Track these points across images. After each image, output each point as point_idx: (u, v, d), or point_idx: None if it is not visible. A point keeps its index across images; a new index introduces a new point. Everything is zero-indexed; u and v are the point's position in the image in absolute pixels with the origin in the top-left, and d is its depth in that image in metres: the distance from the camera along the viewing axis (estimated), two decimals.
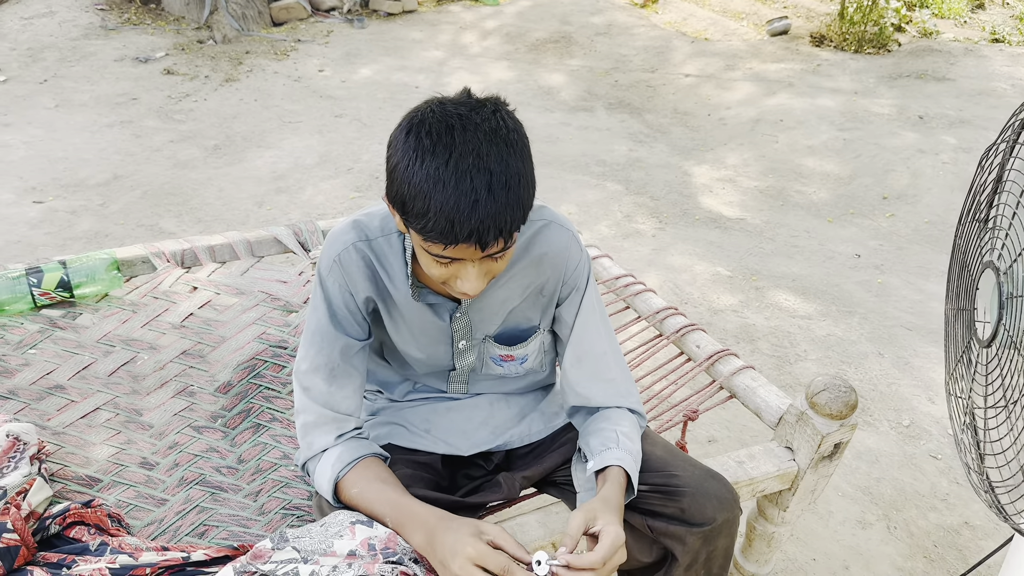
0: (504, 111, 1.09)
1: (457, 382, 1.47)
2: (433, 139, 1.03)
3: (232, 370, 1.88)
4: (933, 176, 4.62)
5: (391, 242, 1.29)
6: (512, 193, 1.04)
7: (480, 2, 7.45)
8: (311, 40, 6.57)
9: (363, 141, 4.98)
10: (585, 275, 1.40)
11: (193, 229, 3.94)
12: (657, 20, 7.30)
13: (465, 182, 1.01)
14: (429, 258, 1.11)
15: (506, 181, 1.04)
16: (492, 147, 1.03)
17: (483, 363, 1.45)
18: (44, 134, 4.93)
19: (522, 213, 1.08)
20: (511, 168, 1.04)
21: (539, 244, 1.33)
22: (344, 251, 1.28)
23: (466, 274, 1.12)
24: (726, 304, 3.47)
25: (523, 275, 1.34)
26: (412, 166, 1.03)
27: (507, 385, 1.51)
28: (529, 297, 1.38)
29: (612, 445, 1.30)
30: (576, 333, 1.40)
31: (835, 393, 1.52)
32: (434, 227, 1.03)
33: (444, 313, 1.35)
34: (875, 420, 2.82)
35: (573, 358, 1.41)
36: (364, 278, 1.30)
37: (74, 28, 6.52)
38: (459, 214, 1.01)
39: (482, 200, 1.02)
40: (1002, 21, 7.14)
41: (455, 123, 1.04)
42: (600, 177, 4.63)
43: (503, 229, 1.05)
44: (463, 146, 1.02)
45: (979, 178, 1.54)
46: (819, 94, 5.73)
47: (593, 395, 1.40)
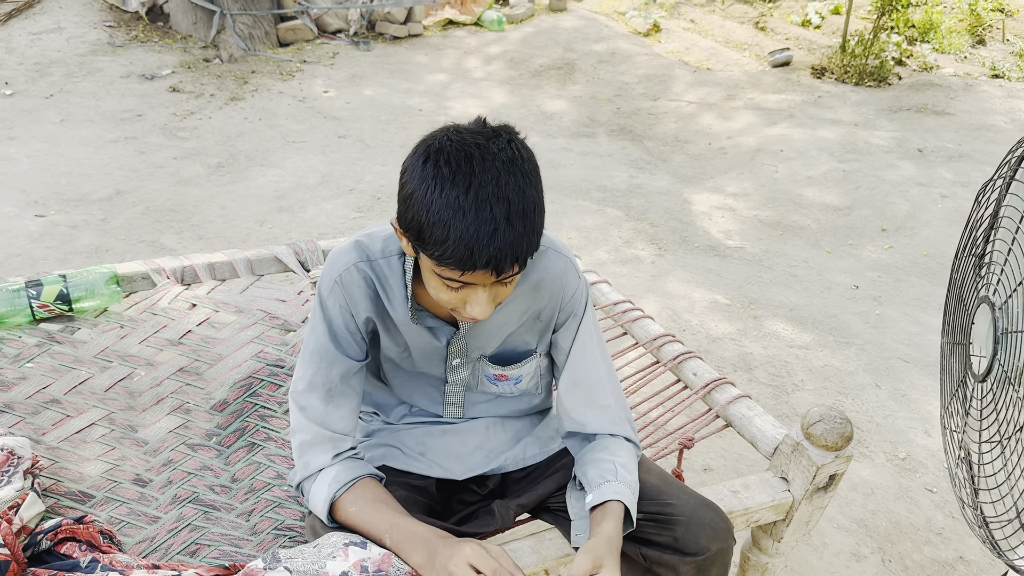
0: (518, 140, 1.11)
1: (452, 405, 1.47)
2: (452, 168, 1.04)
3: (228, 388, 1.88)
4: (932, 209, 4.65)
5: (391, 264, 1.30)
6: (528, 221, 1.07)
7: (484, 28, 7.52)
8: (317, 61, 6.62)
9: (366, 162, 5.01)
10: (583, 302, 1.40)
11: (194, 246, 3.95)
12: (659, 49, 7.36)
13: (485, 211, 1.03)
14: (440, 283, 1.13)
15: (523, 210, 1.06)
16: (510, 177, 1.05)
17: (478, 381, 1.45)
18: (48, 148, 4.96)
19: (537, 240, 1.10)
20: (527, 197, 1.07)
21: (537, 270, 1.34)
22: (346, 271, 1.29)
23: (476, 299, 1.13)
24: (724, 332, 3.47)
25: (521, 300, 1.35)
26: (431, 194, 1.04)
27: (503, 407, 1.51)
28: (526, 322, 1.38)
29: (610, 477, 1.30)
30: (572, 359, 1.41)
31: (831, 424, 1.52)
32: (453, 254, 1.04)
33: (442, 336, 1.35)
34: (871, 452, 2.81)
35: (569, 383, 1.41)
36: (365, 298, 1.31)
37: (82, 44, 6.57)
38: (478, 242, 1.03)
39: (501, 228, 1.03)
40: (1002, 57, 7.21)
41: (473, 152, 1.05)
42: (600, 203, 4.65)
43: (519, 256, 1.07)
44: (482, 175, 1.03)
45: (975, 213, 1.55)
46: (819, 125, 5.77)
47: (588, 421, 1.40)
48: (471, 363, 1.41)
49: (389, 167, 4.92)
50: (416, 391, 1.47)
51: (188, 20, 6.84)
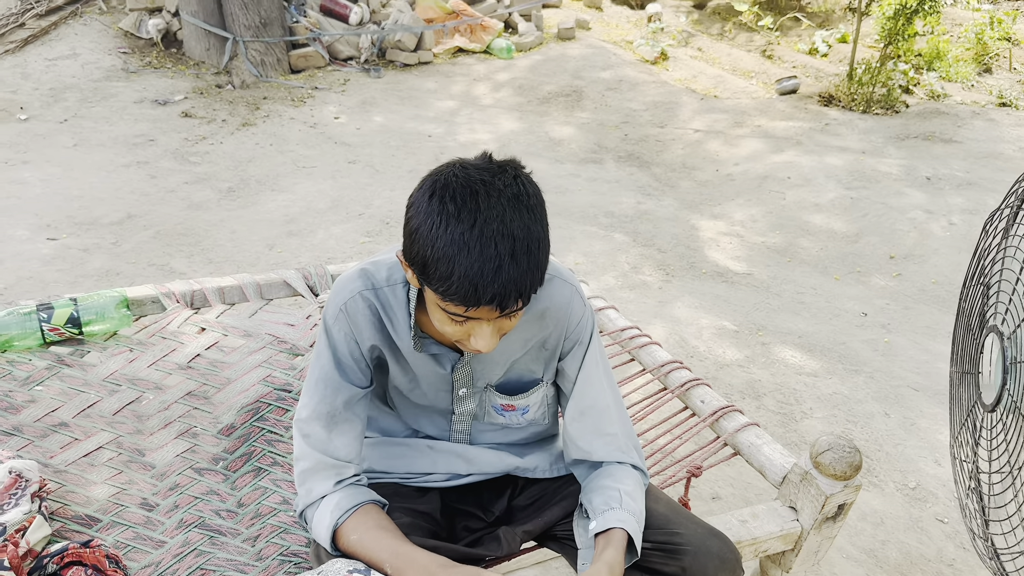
0: (524, 176, 1.12)
1: (459, 433, 1.47)
2: (458, 204, 1.05)
3: (236, 412, 1.88)
4: (940, 237, 4.64)
5: (396, 292, 1.30)
6: (533, 258, 1.07)
7: (493, 56, 7.59)
8: (328, 88, 6.70)
9: (375, 187, 5.04)
10: (588, 329, 1.40)
11: (204, 270, 3.97)
12: (667, 77, 7.42)
13: (490, 248, 1.03)
14: (444, 316, 1.13)
15: (528, 247, 1.06)
16: (515, 213, 1.06)
17: (485, 411, 1.45)
18: (61, 172, 5.01)
19: (541, 276, 1.10)
20: (532, 234, 1.07)
21: (542, 298, 1.34)
22: (351, 299, 1.30)
23: (481, 332, 1.14)
24: (732, 359, 3.46)
25: (526, 329, 1.35)
26: (436, 230, 1.05)
27: (510, 436, 1.50)
28: (532, 351, 1.38)
29: (615, 505, 1.30)
30: (579, 387, 1.40)
31: (839, 453, 1.51)
32: (457, 291, 1.05)
33: (446, 363, 1.35)
34: (881, 481, 2.79)
35: (575, 412, 1.41)
36: (370, 326, 1.31)
37: (96, 70, 6.66)
38: (483, 279, 1.04)
39: (506, 266, 1.04)
40: (1009, 86, 7.24)
41: (479, 188, 1.06)
42: (608, 228, 4.66)
43: (523, 292, 1.08)
44: (488, 212, 1.04)
45: (983, 242, 1.55)
46: (827, 152, 5.79)
47: (594, 450, 1.40)
48: (477, 393, 1.41)
49: (398, 192, 4.95)
50: (423, 419, 1.47)
51: (201, 47, 6.93)
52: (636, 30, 8.48)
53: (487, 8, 7.87)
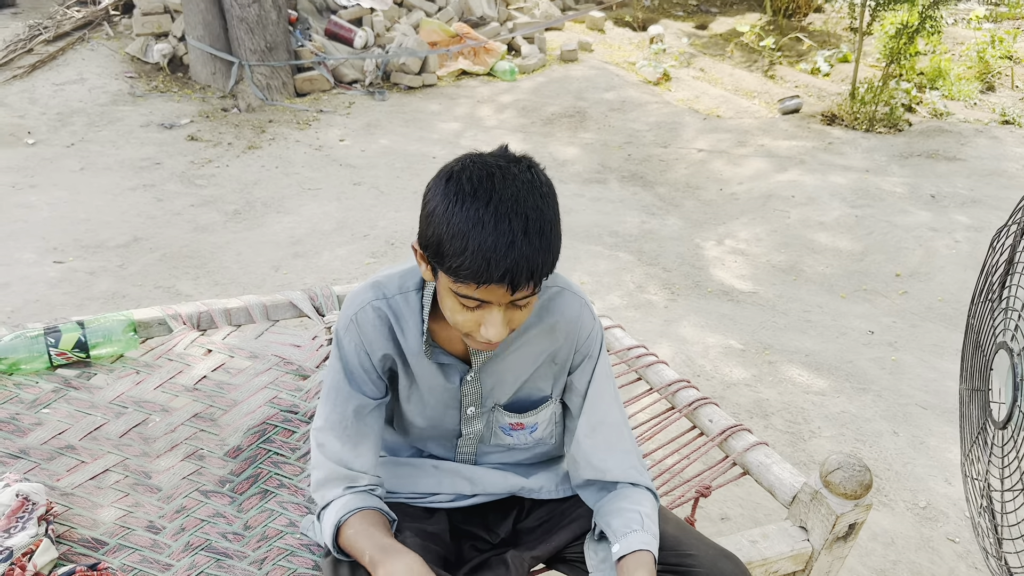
0: (537, 168, 1.15)
1: (465, 455, 1.47)
2: (474, 184, 1.08)
3: (242, 434, 1.88)
4: (946, 254, 4.63)
5: (408, 299, 1.32)
6: (545, 239, 1.09)
7: (497, 78, 7.64)
8: (333, 111, 6.74)
9: (380, 208, 5.06)
10: (598, 344, 1.41)
11: (210, 292, 3.98)
12: (670, 97, 7.45)
13: (504, 224, 1.06)
14: (456, 303, 1.14)
15: (541, 227, 1.09)
16: (529, 195, 1.09)
17: (492, 432, 1.44)
18: (68, 196, 5.04)
19: (552, 260, 1.12)
20: (545, 216, 1.10)
21: (552, 311, 1.35)
22: (361, 311, 1.31)
23: (491, 320, 1.14)
24: (739, 378, 3.45)
25: (536, 342, 1.36)
26: (452, 208, 1.08)
27: (515, 457, 1.50)
28: (542, 366, 1.38)
29: (636, 527, 1.29)
30: (590, 402, 1.40)
31: (849, 472, 1.50)
32: (470, 266, 1.06)
33: (455, 375, 1.35)
34: (891, 500, 2.76)
35: (587, 427, 1.40)
36: (381, 336, 1.32)
37: (103, 95, 6.72)
38: (496, 253, 1.05)
39: (518, 242, 1.06)
40: (1012, 103, 7.25)
41: (495, 172, 1.10)
42: (612, 248, 4.67)
43: (535, 272, 1.09)
44: (503, 192, 1.07)
45: (991, 259, 1.55)
46: (831, 171, 5.80)
47: (610, 467, 1.38)
48: (485, 414, 1.41)
49: (403, 213, 4.97)
50: (430, 443, 1.46)
51: (207, 71, 6.99)
52: (638, 51, 8.54)
53: (490, 31, 7.94)
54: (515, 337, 1.35)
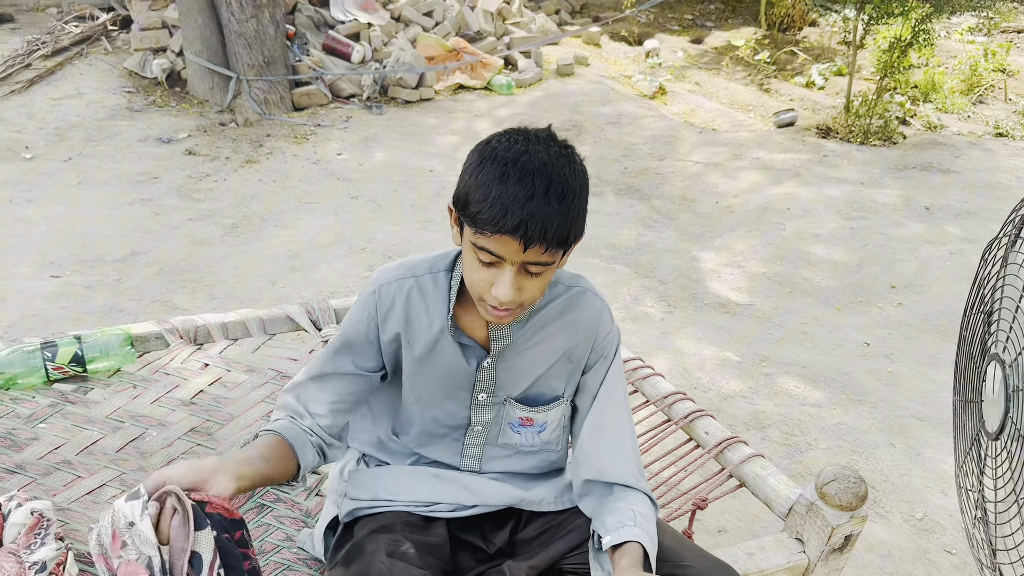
0: (574, 151, 1.23)
1: (470, 457, 1.47)
2: (507, 146, 1.18)
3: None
4: (941, 266, 4.65)
5: (437, 279, 1.37)
6: (565, 203, 1.15)
7: (494, 92, 7.68)
8: (330, 125, 6.77)
9: (378, 222, 5.07)
10: (614, 346, 1.45)
11: (207, 306, 3.99)
12: (666, 111, 7.49)
13: (527, 179, 1.13)
14: (475, 259, 1.20)
15: (563, 191, 1.15)
16: (557, 163, 1.17)
17: (500, 429, 1.45)
18: (66, 210, 5.05)
19: (568, 228, 1.17)
20: (570, 184, 1.16)
21: (574, 309, 1.40)
22: (385, 284, 1.37)
23: (502, 279, 1.18)
24: (735, 390, 3.46)
25: (555, 338, 1.39)
26: (484, 163, 1.17)
27: (520, 463, 1.50)
28: (558, 363, 1.41)
29: (629, 523, 1.30)
30: (599, 402, 1.43)
31: (845, 484, 1.51)
32: (488, 212, 1.13)
33: (472, 359, 1.38)
34: (887, 512, 2.76)
35: (592, 428, 1.42)
36: (401, 312, 1.36)
37: (101, 109, 6.74)
38: (513, 203, 1.12)
39: (537, 197, 1.13)
40: (1005, 116, 7.30)
41: (531, 139, 1.19)
42: (609, 260, 4.68)
43: (547, 231, 1.14)
44: (533, 155, 1.16)
45: (982, 271, 1.56)
46: (826, 184, 5.82)
47: (610, 468, 1.40)
48: (497, 405, 1.42)
49: (400, 226, 4.99)
50: (435, 436, 1.46)
51: (205, 85, 7.02)
52: (634, 65, 8.59)
53: (487, 46, 7.98)
54: (535, 331, 1.38)
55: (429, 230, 4.90)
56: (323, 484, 1.83)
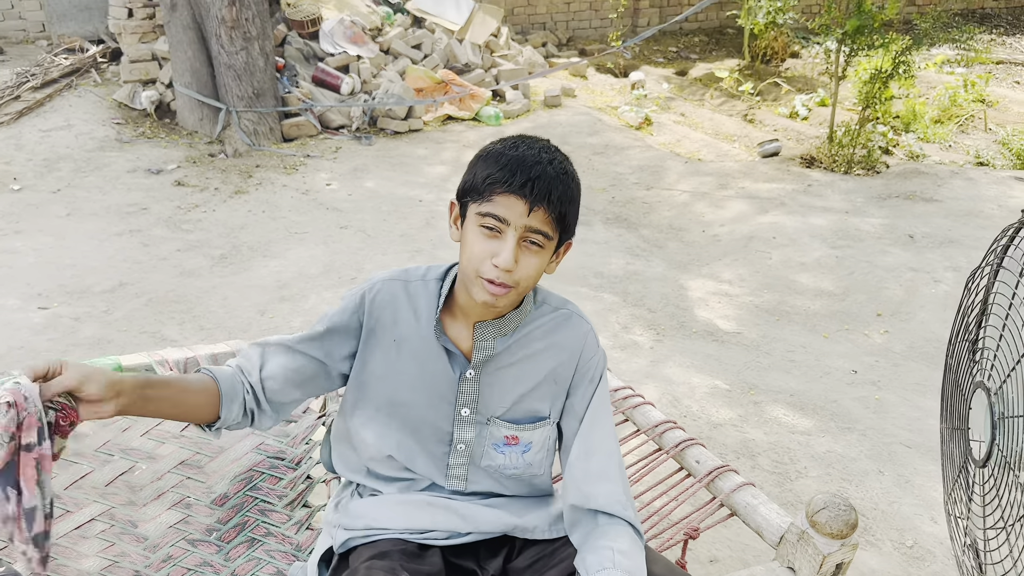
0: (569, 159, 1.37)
1: (455, 478, 1.47)
2: (513, 141, 1.33)
3: (229, 482, 1.87)
4: (926, 293, 4.70)
5: (428, 285, 1.42)
6: (567, 178, 1.31)
7: (482, 123, 7.75)
8: (320, 155, 6.80)
9: (367, 251, 5.09)
10: (599, 370, 1.47)
11: (195, 336, 3.97)
12: (652, 141, 7.58)
13: (533, 151, 1.29)
14: (478, 233, 1.29)
15: (565, 169, 1.32)
16: (558, 153, 1.34)
17: (484, 450, 1.45)
18: (54, 242, 5.04)
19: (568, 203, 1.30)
20: (569, 169, 1.33)
21: (559, 330, 1.45)
22: (375, 284, 1.43)
23: (505, 245, 1.26)
24: (725, 418, 3.47)
25: (540, 357, 1.42)
26: (493, 146, 1.33)
27: (504, 486, 1.50)
28: (543, 384, 1.42)
29: (608, 565, 1.30)
30: (586, 426, 1.44)
31: (835, 512, 1.52)
32: (498, 173, 1.26)
33: (456, 367, 1.40)
34: (878, 540, 2.77)
35: (581, 452, 1.43)
36: (385, 314, 1.41)
37: (90, 141, 6.75)
38: (521, 165, 1.26)
39: (543, 164, 1.27)
40: (985, 145, 7.42)
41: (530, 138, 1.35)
42: (597, 289, 4.71)
43: (552, 194, 1.26)
44: (537, 142, 1.33)
45: (966, 300, 1.59)
46: (811, 213, 5.89)
47: (595, 494, 1.40)
48: (480, 425, 1.43)
49: (390, 256, 5.00)
50: (419, 449, 1.45)
51: (194, 116, 7.05)
52: (620, 97, 8.70)
53: (475, 78, 8.07)
54: (519, 348, 1.42)
55: (418, 259, 4.92)
56: (314, 517, 1.83)
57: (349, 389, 1.47)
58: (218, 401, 1.33)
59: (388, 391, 1.42)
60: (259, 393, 1.38)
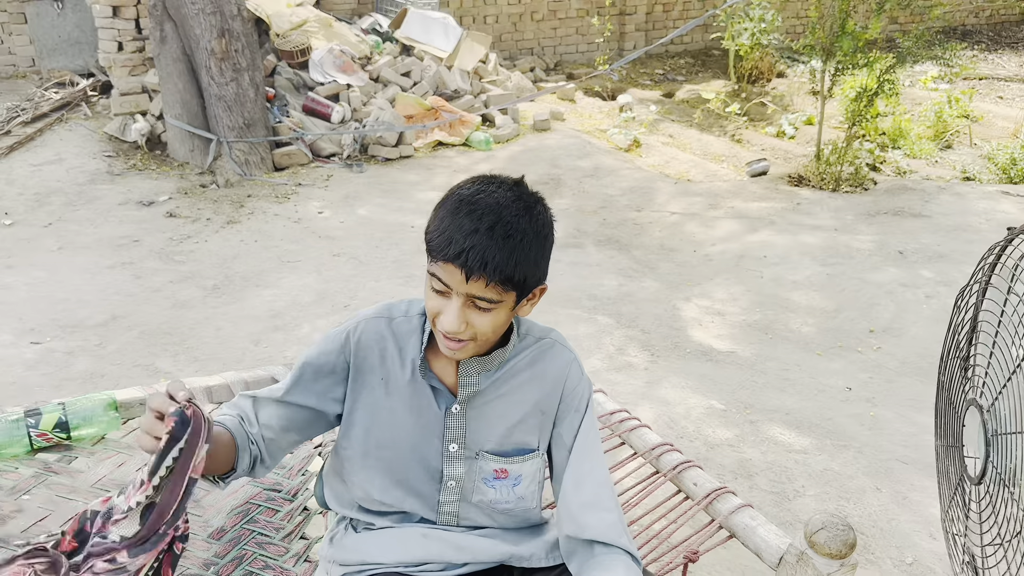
0: (542, 203, 1.31)
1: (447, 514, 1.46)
2: (469, 186, 1.28)
3: (226, 515, 1.86)
4: (917, 309, 4.73)
5: (411, 321, 1.42)
6: (510, 242, 1.22)
7: (472, 148, 7.80)
8: (311, 184, 6.82)
9: (360, 279, 5.09)
10: (585, 399, 1.46)
11: (189, 368, 3.96)
12: (641, 163, 7.63)
13: (474, 216, 1.22)
14: (430, 287, 1.28)
15: (509, 232, 1.22)
16: (514, 207, 1.25)
17: (474, 485, 1.45)
18: (46, 276, 5.03)
19: (512, 268, 1.23)
20: (518, 226, 1.24)
21: (543, 361, 1.44)
22: (359, 323, 1.43)
23: (449, 308, 1.25)
24: (721, 439, 3.47)
25: (524, 389, 1.42)
26: (447, 200, 1.28)
27: (497, 522, 1.50)
28: (529, 416, 1.42)
29: None
30: (576, 456, 1.43)
31: (833, 532, 1.52)
32: (436, 240, 1.23)
33: (442, 403, 1.40)
34: (877, 558, 2.76)
35: (572, 483, 1.42)
36: (370, 353, 1.40)
37: (81, 174, 6.76)
38: (457, 234, 1.21)
39: (481, 232, 1.20)
40: (971, 160, 7.50)
41: (496, 183, 1.29)
42: (591, 311, 4.72)
43: (487, 265, 1.20)
44: (488, 198, 1.24)
45: (956, 318, 1.60)
46: (800, 231, 5.93)
47: (590, 523, 1.40)
48: (469, 459, 1.42)
49: (383, 283, 5.00)
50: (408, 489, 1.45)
51: (185, 148, 7.07)
52: (609, 119, 8.77)
53: (464, 103, 8.13)
54: (504, 381, 1.41)
55: (411, 285, 4.92)
56: (312, 549, 1.82)
57: (341, 429, 1.47)
58: (235, 451, 1.33)
59: (376, 430, 1.42)
60: (260, 444, 1.38)
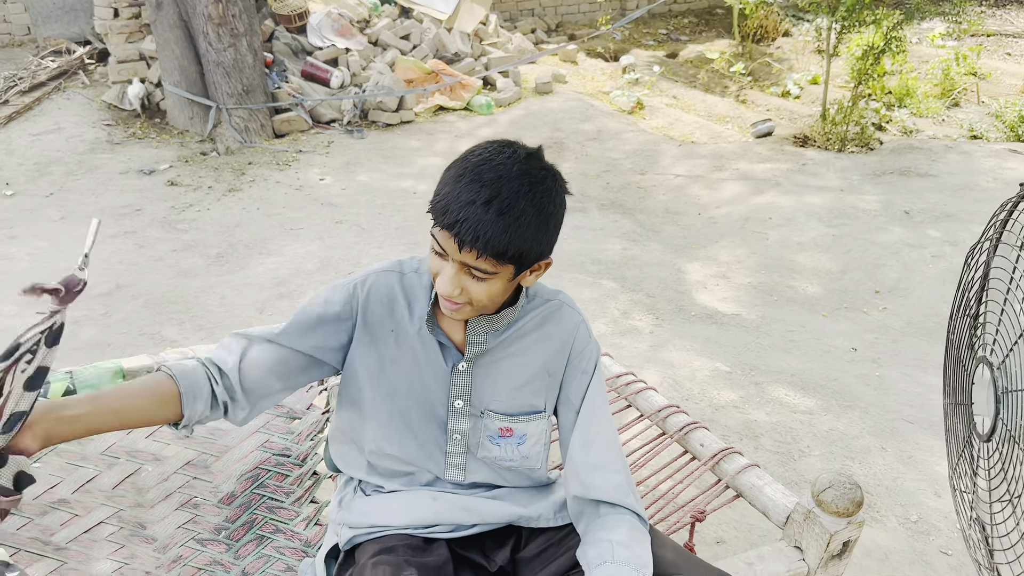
0: (553, 177, 1.27)
1: (454, 467, 1.47)
2: (479, 153, 1.24)
3: (236, 480, 1.87)
4: (923, 269, 4.71)
5: (422, 277, 1.42)
6: (504, 219, 1.18)
7: (474, 112, 7.72)
8: (312, 150, 6.78)
9: (363, 245, 5.08)
10: (593, 361, 1.46)
11: (195, 336, 3.97)
12: (645, 126, 7.56)
13: (474, 187, 1.19)
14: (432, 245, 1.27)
15: (506, 208, 1.18)
16: (516, 180, 1.20)
17: (479, 441, 1.45)
18: (49, 246, 5.02)
19: (506, 243, 1.19)
20: (519, 204, 1.20)
21: (551, 322, 1.43)
22: (370, 276, 1.42)
23: (445, 271, 1.25)
24: (727, 400, 3.47)
25: (532, 350, 1.42)
26: (455, 163, 1.25)
27: (501, 477, 1.51)
28: (536, 377, 1.42)
29: (607, 558, 1.31)
30: (583, 417, 1.44)
31: (840, 490, 1.52)
32: (436, 206, 1.22)
33: (449, 359, 1.41)
34: (882, 516, 2.78)
35: (580, 443, 1.43)
36: (381, 305, 1.40)
37: (81, 143, 6.72)
38: (455, 203, 1.19)
39: (476, 205, 1.18)
40: (979, 119, 7.41)
41: (508, 151, 1.24)
42: (596, 275, 4.71)
43: (479, 239, 1.18)
44: (492, 169, 1.20)
45: (966, 275, 1.59)
46: (806, 192, 5.89)
47: (597, 484, 1.40)
48: (474, 417, 1.43)
49: (386, 249, 4.99)
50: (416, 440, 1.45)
51: (185, 115, 7.01)
52: (611, 81, 8.67)
53: (465, 67, 8.03)
54: (511, 342, 1.41)
55: (415, 252, 4.91)
56: (322, 513, 1.83)
57: (344, 383, 1.46)
58: (178, 400, 1.29)
59: (384, 382, 1.42)
60: (234, 382, 1.34)
